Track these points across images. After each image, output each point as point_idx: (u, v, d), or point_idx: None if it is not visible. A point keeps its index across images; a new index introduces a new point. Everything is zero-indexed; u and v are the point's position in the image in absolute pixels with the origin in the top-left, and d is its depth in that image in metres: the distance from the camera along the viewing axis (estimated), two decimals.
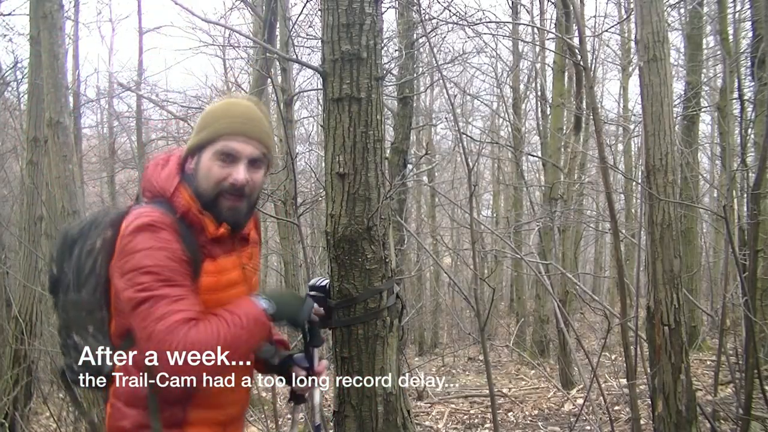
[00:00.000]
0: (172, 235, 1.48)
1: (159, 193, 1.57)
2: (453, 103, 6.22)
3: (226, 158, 1.55)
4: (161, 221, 1.48)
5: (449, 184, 15.80)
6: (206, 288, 1.53)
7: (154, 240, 1.45)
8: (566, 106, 9.76)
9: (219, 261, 1.57)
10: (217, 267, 1.56)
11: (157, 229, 1.47)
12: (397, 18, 8.25)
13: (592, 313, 9.54)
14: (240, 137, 1.56)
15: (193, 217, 1.55)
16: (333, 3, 2.32)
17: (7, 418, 5.06)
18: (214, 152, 1.55)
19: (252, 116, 1.60)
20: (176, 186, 1.56)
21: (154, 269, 1.42)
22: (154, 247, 1.45)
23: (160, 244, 1.45)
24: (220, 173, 1.55)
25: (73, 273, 1.58)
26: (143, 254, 1.44)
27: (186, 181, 1.59)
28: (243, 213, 1.60)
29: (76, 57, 11.53)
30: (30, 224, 5.74)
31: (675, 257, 3.39)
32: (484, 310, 3.63)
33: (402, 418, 2.40)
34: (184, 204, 1.55)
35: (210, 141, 1.56)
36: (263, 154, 1.61)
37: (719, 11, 7.89)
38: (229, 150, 1.55)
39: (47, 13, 4.58)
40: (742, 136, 5.19)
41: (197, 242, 1.54)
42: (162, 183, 1.57)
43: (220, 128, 1.56)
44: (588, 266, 17.73)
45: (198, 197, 1.56)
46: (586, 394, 4.16)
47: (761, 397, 3.72)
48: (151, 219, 1.48)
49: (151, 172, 1.61)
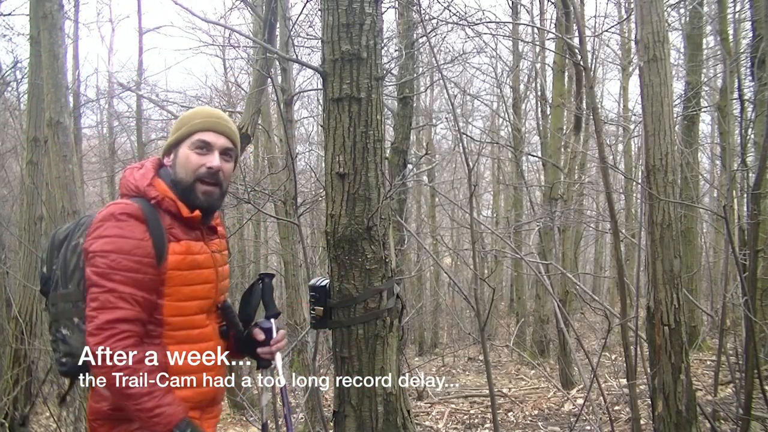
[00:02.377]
0: (137, 224, 1.64)
1: (134, 189, 1.75)
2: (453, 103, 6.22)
3: (201, 148, 1.77)
4: (127, 211, 1.65)
5: (449, 184, 15.80)
6: (172, 265, 1.68)
7: (118, 228, 1.62)
8: (566, 106, 9.75)
9: (183, 242, 1.72)
10: (182, 248, 1.71)
11: (124, 217, 1.63)
12: (397, 18, 8.25)
13: (592, 313, 9.54)
14: (213, 132, 1.79)
15: (168, 202, 1.72)
16: (333, 3, 2.32)
17: (7, 418, 5.06)
18: (191, 143, 1.77)
19: (221, 116, 1.84)
20: (151, 179, 1.75)
21: (114, 256, 1.59)
22: (118, 235, 1.61)
23: (123, 232, 1.62)
24: (197, 160, 1.76)
25: (60, 270, 1.73)
26: (106, 240, 1.61)
27: (161, 176, 1.78)
28: (216, 198, 1.80)
29: (76, 57, 11.54)
30: (30, 224, 5.74)
31: (675, 257, 3.39)
32: (484, 310, 3.63)
33: (402, 418, 2.40)
34: (158, 192, 1.73)
35: (186, 136, 1.78)
36: (232, 148, 1.84)
37: (719, 11, 7.89)
38: (204, 141, 1.77)
39: (47, 13, 4.58)
40: (742, 136, 5.19)
41: (164, 227, 1.69)
42: (136, 180, 1.76)
43: (194, 125, 1.78)
44: (588, 266, 17.73)
45: (175, 185, 1.76)
46: (586, 394, 4.16)
47: (761, 397, 3.72)
48: (118, 209, 1.65)
49: (128, 175, 1.79)
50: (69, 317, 1.69)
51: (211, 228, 1.85)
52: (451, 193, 15.23)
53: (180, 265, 1.69)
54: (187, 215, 1.73)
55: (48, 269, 1.78)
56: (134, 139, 13.50)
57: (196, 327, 1.73)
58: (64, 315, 1.70)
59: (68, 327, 1.69)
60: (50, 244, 1.80)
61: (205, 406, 1.77)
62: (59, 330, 1.70)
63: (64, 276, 1.71)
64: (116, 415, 1.65)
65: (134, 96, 12.67)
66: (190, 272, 1.72)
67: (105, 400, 1.67)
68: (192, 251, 1.73)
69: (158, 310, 1.66)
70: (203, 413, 1.76)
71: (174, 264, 1.68)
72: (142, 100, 12.51)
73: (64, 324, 1.69)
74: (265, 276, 2.01)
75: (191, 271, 1.72)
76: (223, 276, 1.85)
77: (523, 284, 13.63)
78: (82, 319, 1.65)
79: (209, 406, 1.79)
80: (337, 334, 2.48)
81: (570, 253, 9.66)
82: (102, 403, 1.67)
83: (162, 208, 1.71)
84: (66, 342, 1.68)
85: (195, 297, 1.72)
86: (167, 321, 1.67)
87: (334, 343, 2.48)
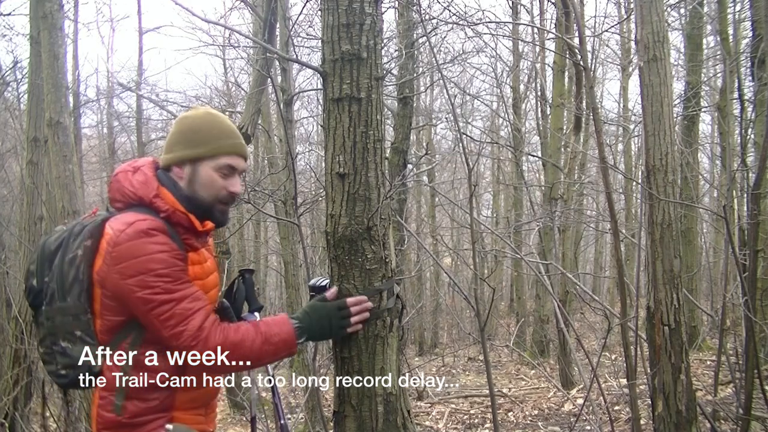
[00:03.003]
0: (167, 237, 1.61)
1: (137, 199, 1.67)
2: (453, 103, 6.22)
3: (227, 172, 1.76)
4: (155, 226, 1.61)
5: (449, 184, 15.80)
6: (194, 276, 1.69)
7: (155, 243, 1.58)
8: (566, 106, 9.75)
9: (200, 252, 1.75)
10: (199, 257, 1.74)
11: (155, 233, 1.59)
12: (397, 18, 8.26)
13: (592, 313, 9.54)
14: (239, 156, 1.79)
15: (180, 216, 1.68)
16: (333, 3, 2.32)
17: (7, 418, 5.06)
18: (217, 166, 1.74)
19: (239, 134, 1.83)
20: (156, 189, 1.68)
21: (164, 271, 1.57)
22: (158, 251, 1.58)
23: (162, 247, 1.59)
24: (222, 184, 1.75)
25: (56, 283, 1.66)
26: (149, 258, 1.56)
27: (165, 185, 1.71)
28: (228, 214, 1.83)
29: (76, 57, 11.54)
30: (30, 224, 5.73)
31: (675, 257, 3.39)
32: (484, 310, 3.63)
33: (402, 418, 2.40)
34: (168, 206, 1.67)
35: (211, 156, 1.74)
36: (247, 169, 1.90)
37: (719, 11, 7.89)
38: (231, 167, 1.76)
39: (47, 13, 4.58)
40: (742, 136, 5.19)
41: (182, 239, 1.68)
42: (139, 189, 1.68)
43: (222, 147, 1.75)
44: (588, 266, 17.73)
45: (189, 201, 1.72)
46: (586, 394, 4.16)
47: (761, 397, 3.72)
48: (147, 224, 1.60)
49: (122, 180, 1.70)
50: (69, 330, 1.65)
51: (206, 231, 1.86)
52: (451, 193, 15.23)
53: (199, 275, 1.72)
54: (202, 229, 1.73)
55: (39, 282, 1.71)
56: (134, 139, 13.51)
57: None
58: (62, 328, 1.66)
59: (69, 340, 1.65)
60: (40, 255, 1.73)
61: (208, 403, 1.80)
62: (57, 343, 1.67)
63: (62, 289, 1.65)
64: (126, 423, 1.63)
65: (134, 96, 12.69)
66: (206, 280, 1.75)
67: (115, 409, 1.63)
68: (204, 258, 1.77)
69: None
70: (207, 410, 1.79)
71: (194, 274, 1.69)
72: (142, 100, 12.53)
73: (64, 337, 1.66)
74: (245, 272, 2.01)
75: (207, 278, 1.76)
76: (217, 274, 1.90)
77: (523, 284, 13.63)
78: (85, 331, 1.64)
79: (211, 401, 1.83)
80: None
81: (570, 253, 9.66)
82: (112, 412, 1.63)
83: (172, 221, 1.67)
84: (66, 354, 1.65)
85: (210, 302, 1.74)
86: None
87: (334, 343, 2.47)
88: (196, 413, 1.72)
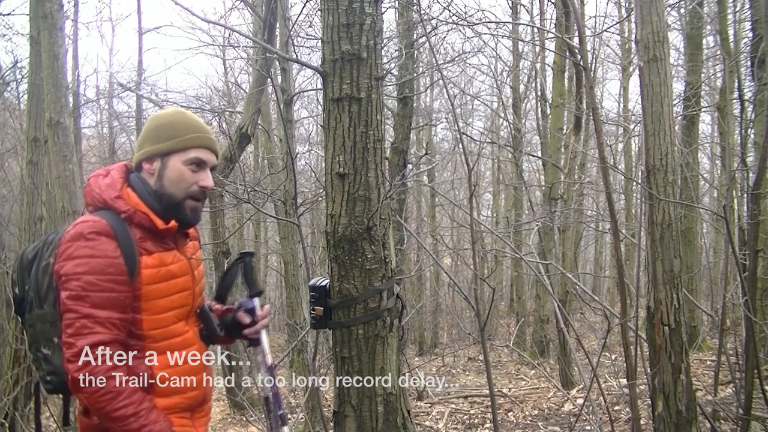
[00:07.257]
0: (107, 241, 1.60)
1: (102, 202, 1.69)
2: (453, 103, 6.22)
3: (197, 166, 1.75)
4: (96, 229, 1.60)
5: (449, 184, 15.81)
6: (146, 280, 1.65)
7: (89, 248, 1.57)
8: (566, 106, 9.76)
9: (155, 255, 1.69)
10: (155, 260, 1.68)
11: (93, 236, 1.59)
12: (397, 18, 8.26)
13: (592, 313, 9.54)
14: (207, 149, 1.78)
15: (141, 216, 1.68)
16: (333, 3, 2.32)
17: (7, 418, 5.06)
18: (186, 160, 1.74)
19: (209, 130, 1.83)
20: (119, 191, 1.70)
21: (85, 278, 1.55)
22: (89, 255, 1.57)
23: (93, 252, 1.57)
24: (192, 178, 1.74)
25: (33, 291, 1.69)
26: (77, 262, 1.56)
27: (133, 185, 1.73)
28: (200, 212, 1.81)
29: (76, 57, 11.52)
30: (30, 224, 5.73)
31: (675, 257, 3.39)
32: (484, 310, 3.63)
33: (402, 418, 2.40)
34: (129, 206, 1.67)
35: (180, 149, 1.74)
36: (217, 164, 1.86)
37: (719, 11, 7.89)
38: (200, 159, 1.75)
39: (47, 13, 4.58)
40: (742, 136, 5.19)
41: (134, 241, 1.66)
42: (104, 191, 1.70)
43: (190, 140, 1.75)
44: (588, 266, 17.73)
45: (159, 198, 1.72)
46: (586, 394, 4.16)
47: (761, 397, 3.73)
48: (86, 227, 1.60)
49: (92, 184, 1.73)
50: (48, 337, 1.66)
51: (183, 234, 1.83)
52: (451, 193, 15.24)
53: (154, 279, 1.67)
54: (163, 228, 1.70)
55: (20, 290, 1.73)
56: (134, 139, 13.48)
57: (177, 335, 1.72)
58: (42, 335, 1.67)
59: (48, 347, 1.66)
60: (19, 264, 1.75)
61: (195, 407, 1.78)
62: (40, 350, 1.68)
63: (38, 297, 1.67)
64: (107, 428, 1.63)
65: (134, 96, 12.68)
66: (165, 284, 1.69)
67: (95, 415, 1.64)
68: (165, 262, 1.70)
69: (137, 326, 1.64)
70: (194, 414, 1.77)
71: (148, 278, 1.65)
72: (142, 100, 12.51)
73: (44, 344, 1.67)
74: (246, 255, 1.99)
75: (167, 282, 1.70)
76: (199, 278, 1.84)
77: (523, 284, 13.62)
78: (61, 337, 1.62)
79: (199, 406, 1.80)
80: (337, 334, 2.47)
81: (570, 253, 9.66)
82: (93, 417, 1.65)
83: (133, 222, 1.66)
84: (48, 361, 1.66)
85: (172, 307, 1.71)
86: (147, 335, 1.66)
87: (334, 343, 2.48)
88: (180, 416, 1.71)
